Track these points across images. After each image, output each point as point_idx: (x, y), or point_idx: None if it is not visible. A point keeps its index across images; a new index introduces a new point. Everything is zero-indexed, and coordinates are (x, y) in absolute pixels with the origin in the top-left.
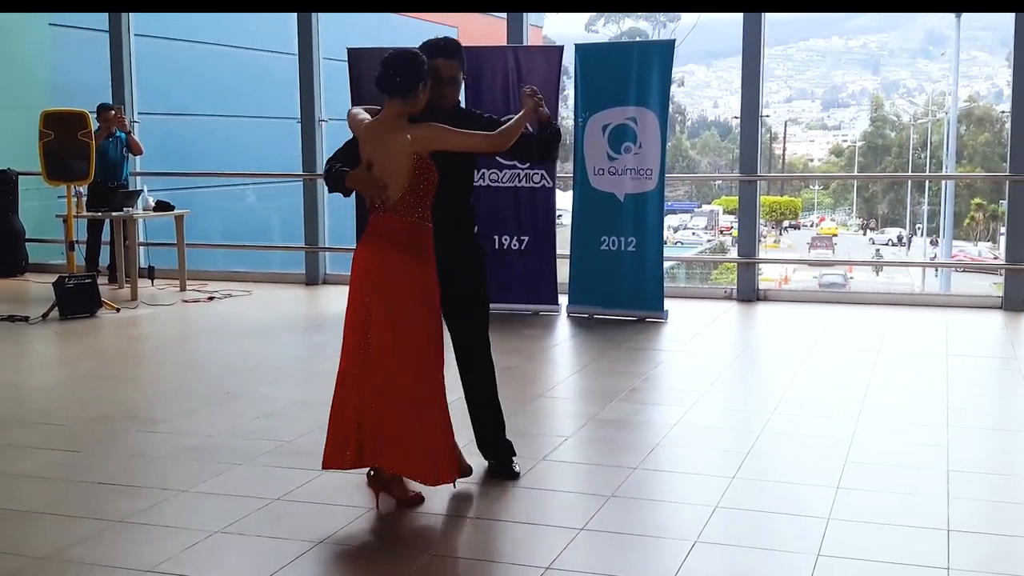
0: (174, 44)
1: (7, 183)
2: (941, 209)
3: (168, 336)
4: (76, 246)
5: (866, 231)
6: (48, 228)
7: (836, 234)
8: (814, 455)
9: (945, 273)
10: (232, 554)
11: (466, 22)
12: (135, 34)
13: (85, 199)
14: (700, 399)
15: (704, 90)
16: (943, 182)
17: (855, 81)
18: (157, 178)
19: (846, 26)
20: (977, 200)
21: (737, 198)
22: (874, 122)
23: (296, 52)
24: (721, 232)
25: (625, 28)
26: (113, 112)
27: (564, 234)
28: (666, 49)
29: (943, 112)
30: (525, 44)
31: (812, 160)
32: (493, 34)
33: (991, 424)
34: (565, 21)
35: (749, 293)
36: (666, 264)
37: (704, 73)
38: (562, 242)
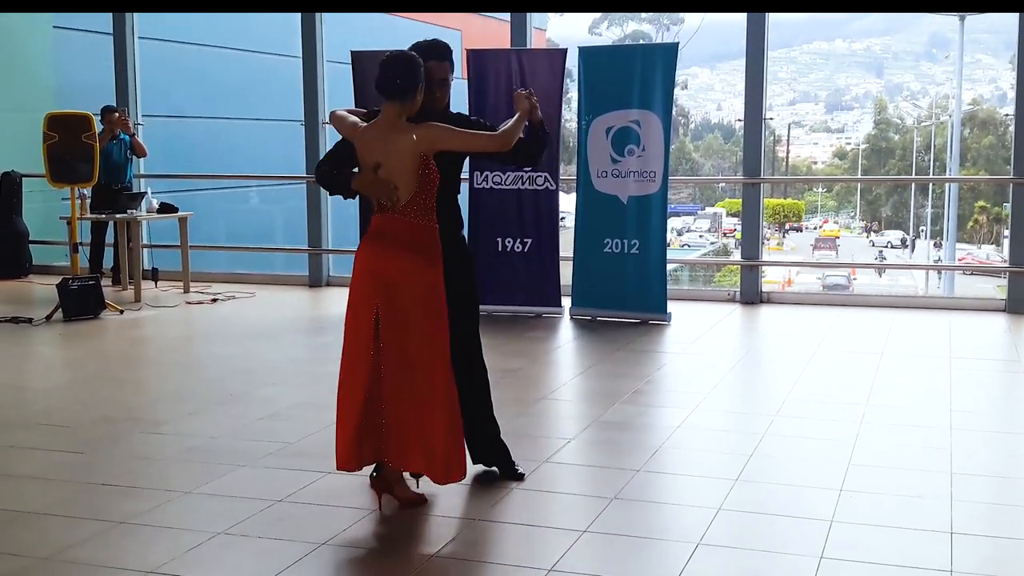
0: (178, 47)
1: (11, 185)
2: (945, 212)
3: (171, 338)
4: (80, 248)
5: (869, 233)
6: (52, 230)
7: (838, 236)
8: (817, 457)
9: (949, 276)
10: (235, 555)
11: (469, 25)
12: (139, 37)
13: (89, 201)
14: (703, 401)
15: (707, 93)
16: (947, 185)
17: (859, 84)
18: (161, 180)
19: (850, 29)
20: (981, 203)
21: (740, 201)
22: (878, 125)
23: (300, 55)
24: (724, 235)
25: (629, 31)
26: (117, 114)
27: (567, 236)
28: (670, 52)
29: (947, 115)
30: (529, 47)
31: (815, 163)
32: (496, 37)
33: (994, 427)
34: (569, 24)
35: (752, 295)
36: (669, 266)
37: (708, 76)
38: (565, 244)
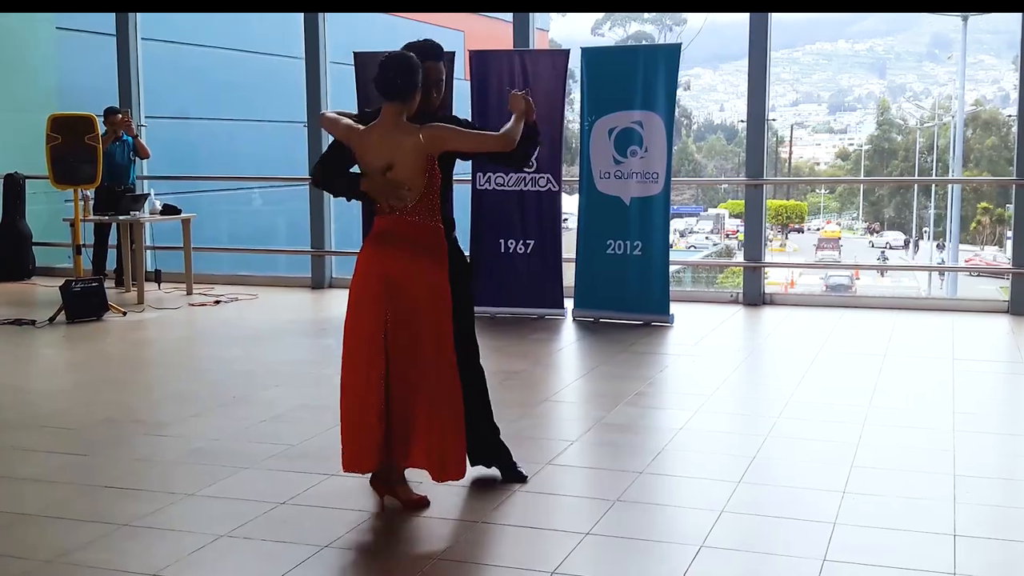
0: (181, 48)
1: (14, 187)
2: (948, 213)
3: (174, 340)
4: (83, 250)
5: (873, 234)
6: (55, 232)
7: (839, 237)
8: (820, 459)
9: (952, 277)
10: (238, 558)
11: (472, 26)
12: (142, 38)
13: (92, 203)
14: (706, 403)
15: (710, 94)
16: (949, 186)
17: (861, 85)
18: (164, 182)
19: (852, 30)
20: (983, 204)
21: (743, 202)
22: (880, 126)
23: (303, 56)
24: (727, 236)
25: (631, 32)
26: (120, 116)
27: (570, 238)
28: (672, 53)
29: (949, 116)
30: (531, 48)
31: (818, 164)
32: (499, 38)
33: (997, 428)
34: (571, 25)
35: (755, 297)
36: (672, 268)
37: (710, 77)
38: (568, 246)
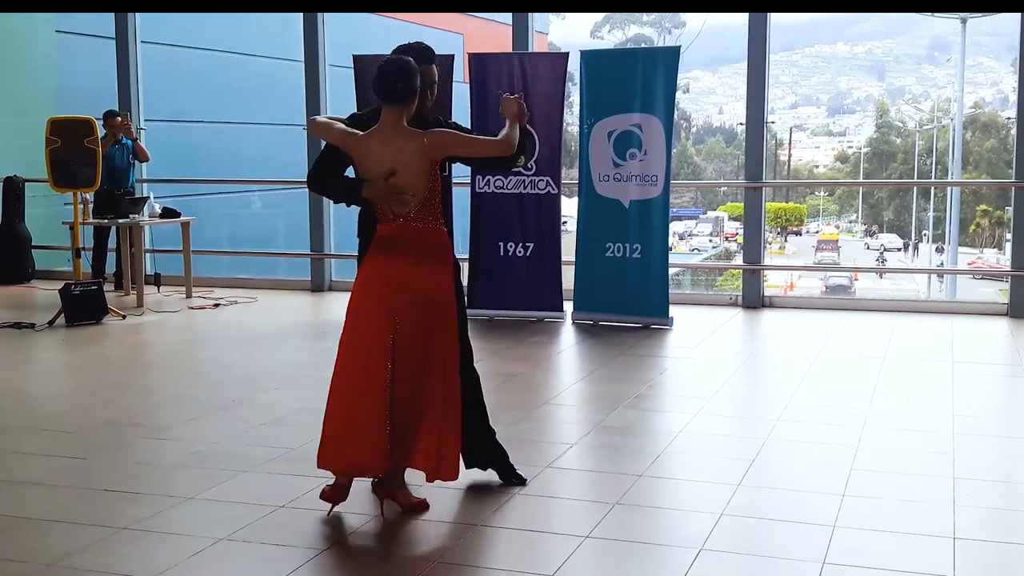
0: (180, 51)
1: (14, 190)
2: (947, 216)
3: (174, 343)
4: (82, 253)
5: (869, 236)
6: (54, 235)
7: (837, 239)
8: (820, 462)
9: (951, 279)
10: (237, 561)
11: (471, 29)
12: (141, 41)
13: (91, 206)
14: (705, 406)
15: (709, 96)
16: (949, 188)
17: (860, 87)
18: (163, 185)
19: (851, 32)
20: (983, 207)
21: (742, 204)
22: (879, 128)
23: (302, 59)
24: (727, 238)
25: (630, 34)
26: (119, 119)
27: (569, 241)
28: (671, 55)
29: (949, 118)
30: (531, 51)
31: (817, 166)
32: (498, 40)
33: (997, 431)
34: (570, 28)
35: (754, 300)
36: (671, 271)
37: (709, 79)
38: (567, 249)
